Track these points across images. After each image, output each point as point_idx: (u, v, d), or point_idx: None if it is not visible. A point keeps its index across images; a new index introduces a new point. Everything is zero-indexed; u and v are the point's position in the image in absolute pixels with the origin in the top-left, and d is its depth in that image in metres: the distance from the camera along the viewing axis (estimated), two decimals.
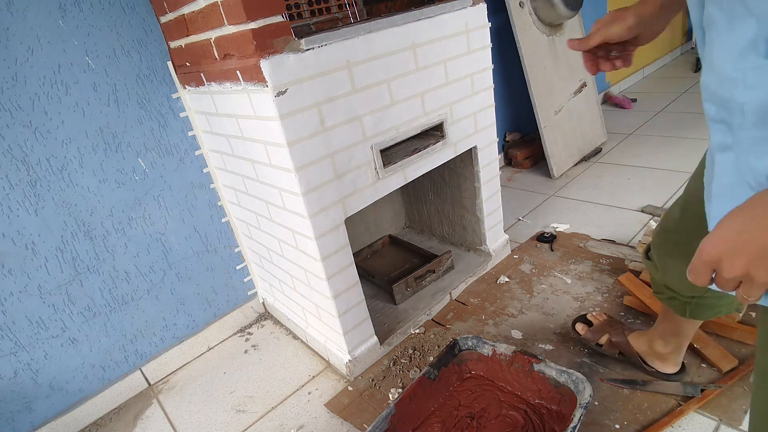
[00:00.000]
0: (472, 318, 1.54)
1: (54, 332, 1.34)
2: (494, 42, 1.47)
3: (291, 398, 1.38)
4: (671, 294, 1.00)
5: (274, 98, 1.01)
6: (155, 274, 1.50)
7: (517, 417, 1.10)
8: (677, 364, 1.16)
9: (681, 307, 1.00)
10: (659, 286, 1.04)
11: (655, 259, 1.00)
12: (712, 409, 1.07)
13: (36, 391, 1.34)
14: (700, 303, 0.97)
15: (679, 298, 0.99)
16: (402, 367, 1.39)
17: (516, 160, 2.65)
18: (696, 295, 0.96)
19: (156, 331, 1.55)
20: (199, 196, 1.54)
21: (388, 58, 1.19)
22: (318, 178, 1.14)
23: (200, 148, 1.50)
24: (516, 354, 1.14)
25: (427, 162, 1.40)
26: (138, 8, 1.30)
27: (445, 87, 1.36)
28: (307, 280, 1.34)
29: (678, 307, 1.00)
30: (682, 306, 0.99)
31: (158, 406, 1.47)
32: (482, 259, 1.77)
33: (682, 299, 0.98)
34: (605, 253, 1.71)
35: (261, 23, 0.97)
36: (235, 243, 1.66)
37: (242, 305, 1.74)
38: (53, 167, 1.25)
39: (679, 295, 0.98)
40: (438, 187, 1.82)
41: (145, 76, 1.35)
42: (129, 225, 1.41)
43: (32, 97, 1.19)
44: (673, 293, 1.00)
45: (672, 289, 0.99)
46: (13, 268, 1.24)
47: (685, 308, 0.99)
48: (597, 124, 2.66)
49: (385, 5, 1.55)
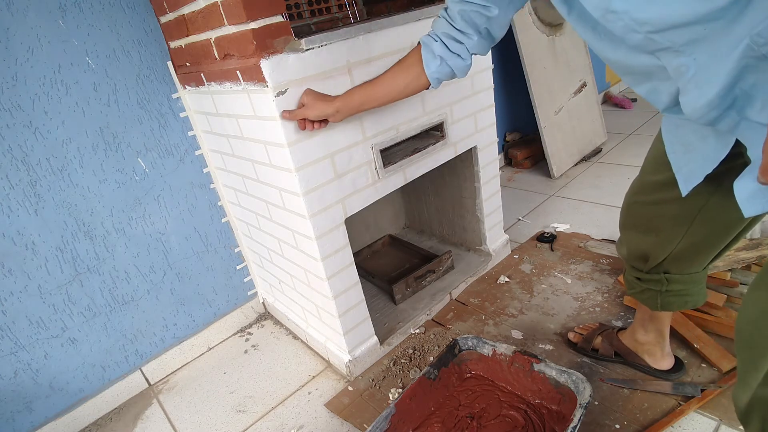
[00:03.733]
0: (472, 318, 1.54)
1: (54, 332, 1.34)
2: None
3: (291, 398, 1.38)
4: (642, 287, 1.06)
5: (275, 98, 1.01)
6: (155, 274, 1.50)
7: (518, 417, 1.10)
8: (665, 356, 1.17)
9: (653, 301, 1.05)
10: (630, 282, 1.09)
11: (621, 236, 1.07)
12: (712, 409, 1.07)
13: (36, 391, 1.34)
14: (669, 294, 1.02)
15: (650, 290, 1.04)
16: (402, 367, 1.39)
17: (516, 160, 2.65)
18: (651, 267, 1.01)
19: (156, 331, 1.55)
20: (199, 196, 1.54)
21: (388, 58, 1.19)
22: (318, 178, 1.14)
23: (200, 148, 1.50)
24: (516, 354, 1.14)
25: (427, 162, 1.40)
26: (138, 8, 1.30)
27: (446, 87, 1.36)
28: (308, 280, 1.34)
29: (650, 300, 1.06)
30: (653, 300, 1.05)
31: (158, 406, 1.47)
32: (482, 259, 1.77)
33: (653, 290, 1.04)
34: (605, 253, 1.71)
35: (261, 23, 0.97)
36: (235, 243, 1.66)
37: (242, 305, 1.74)
38: (53, 167, 1.25)
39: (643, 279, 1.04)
40: (438, 187, 1.82)
41: (145, 76, 1.35)
42: (129, 225, 1.41)
43: (32, 97, 1.19)
44: (642, 284, 1.05)
45: (637, 268, 1.05)
46: (13, 268, 1.24)
47: (656, 302, 1.05)
48: (597, 124, 2.66)
49: (385, 5, 1.55)
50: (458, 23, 0.88)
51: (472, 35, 0.88)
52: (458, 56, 0.91)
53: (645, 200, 0.96)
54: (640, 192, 0.97)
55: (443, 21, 0.90)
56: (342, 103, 1.02)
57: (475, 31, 0.88)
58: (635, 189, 0.99)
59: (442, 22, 0.91)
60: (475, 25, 0.87)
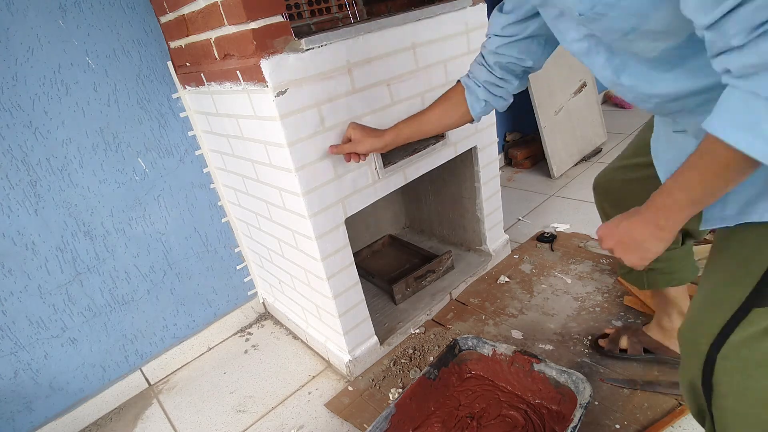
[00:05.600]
0: (472, 318, 1.54)
1: (54, 332, 1.34)
2: None
3: (291, 398, 1.38)
4: (627, 269, 1.15)
5: (274, 98, 1.01)
6: (155, 274, 1.50)
7: (518, 417, 1.10)
8: None
9: (639, 281, 1.13)
10: (621, 265, 1.16)
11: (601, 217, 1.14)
12: None
13: (36, 391, 1.34)
14: (652, 272, 1.09)
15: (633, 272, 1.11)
16: (402, 367, 1.39)
17: (516, 160, 2.65)
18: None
19: (156, 331, 1.55)
20: (199, 196, 1.54)
21: (388, 58, 1.19)
22: (318, 178, 1.14)
23: (200, 148, 1.50)
24: (516, 354, 1.14)
25: (427, 162, 1.40)
26: (138, 8, 1.30)
27: (446, 87, 1.35)
28: (308, 280, 1.34)
29: (636, 280, 1.13)
30: (640, 279, 1.12)
31: (158, 406, 1.47)
32: (482, 259, 1.77)
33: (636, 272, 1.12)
34: (605, 253, 1.71)
35: (261, 23, 0.97)
36: (235, 243, 1.66)
37: (242, 305, 1.74)
38: (53, 167, 1.25)
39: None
40: (438, 187, 1.82)
41: (145, 76, 1.35)
42: (129, 225, 1.41)
43: (32, 97, 1.19)
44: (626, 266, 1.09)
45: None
46: (13, 268, 1.24)
47: (643, 281, 1.12)
48: (597, 124, 2.66)
49: (385, 5, 1.55)
50: (497, 72, 0.94)
51: (512, 81, 0.95)
52: (501, 98, 0.98)
53: (621, 178, 1.03)
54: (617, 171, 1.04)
55: (483, 69, 0.96)
56: (391, 138, 1.09)
57: (514, 77, 0.95)
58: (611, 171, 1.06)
59: (483, 70, 0.96)
60: (512, 72, 0.94)
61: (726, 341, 0.64)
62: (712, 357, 0.66)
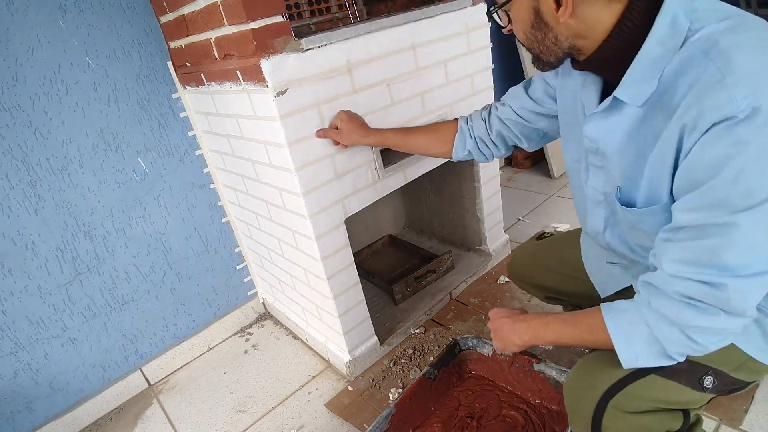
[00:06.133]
0: (473, 318, 1.54)
1: (54, 332, 1.34)
2: (494, 42, 1.47)
3: (291, 398, 1.38)
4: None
5: (274, 98, 1.01)
6: (155, 274, 1.50)
7: (518, 417, 1.10)
8: None
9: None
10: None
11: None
12: (712, 409, 1.07)
13: (36, 391, 1.35)
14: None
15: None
16: (402, 367, 1.39)
17: (516, 160, 2.65)
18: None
19: (156, 331, 1.55)
20: (199, 196, 1.54)
21: (388, 58, 1.19)
22: (318, 178, 1.14)
23: (200, 148, 1.50)
24: (516, 354, 1.14)
25: (427, 162, 1.40)
26: (138, 8, 1.30)
27: (446, 87, 1.36)
28: (308, 280, 1.34)
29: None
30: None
31: (158, 406, 1.47)
32: (482, 259, 1.77)
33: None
34: None
35: (261, 23, 0.97)
36: (235, 243, 1.66)
37: (242, 305, 1.74)
38: (53, 167, 1.25)
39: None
40: (438, 187, 1.82)
41: (145, 76, 1.35)
42: (129, 225, 1.41)
43: (32, 97, 1.19)
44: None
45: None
46: (13, 268, 1.24)
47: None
48: None
49: (385, 5, 1.55)
50: (493, 135, 1.00)
51: (501, 148, 1.03)
52: (484, 155, 1.05)
53: (540, 273, 1.08)
54: (536, 268, 1.09)
55: (482, 126, 1.02)
56: (375, 141, 1.14)
57: (504, 146, 1.02)
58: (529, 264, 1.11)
59: (482, 126, 1.02)
60: (505, 143, 1.01)
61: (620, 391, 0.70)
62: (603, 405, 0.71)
